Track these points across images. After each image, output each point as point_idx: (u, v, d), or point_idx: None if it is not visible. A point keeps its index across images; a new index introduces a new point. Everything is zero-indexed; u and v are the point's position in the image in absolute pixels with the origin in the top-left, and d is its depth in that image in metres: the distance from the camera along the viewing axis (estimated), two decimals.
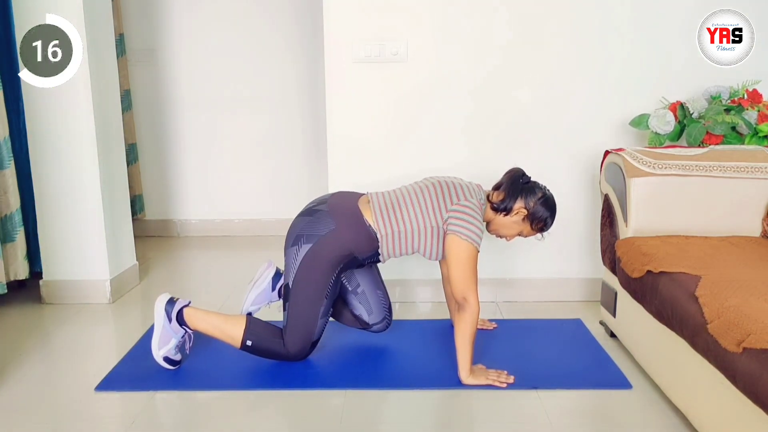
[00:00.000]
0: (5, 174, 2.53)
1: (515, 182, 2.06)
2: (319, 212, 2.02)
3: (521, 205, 2.03)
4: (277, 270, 2.23)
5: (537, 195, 2.04)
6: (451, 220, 1.97)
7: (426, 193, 2.03)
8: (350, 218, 2.01)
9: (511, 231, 2.09)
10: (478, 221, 1.97)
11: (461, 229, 1.95)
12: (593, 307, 2.57)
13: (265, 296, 2.20)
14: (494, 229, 2.12)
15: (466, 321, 1.92)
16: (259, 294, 2.19)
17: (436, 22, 2.54)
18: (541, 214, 2.04)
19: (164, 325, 1.98)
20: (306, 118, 3.83)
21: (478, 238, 1.96)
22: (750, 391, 1.32)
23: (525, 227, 2.07)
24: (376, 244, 2.01)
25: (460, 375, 1.94)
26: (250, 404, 1.88)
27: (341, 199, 2.08)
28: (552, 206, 2.07)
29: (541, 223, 2.06)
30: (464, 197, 1.99)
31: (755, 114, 2.32)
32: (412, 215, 2.00)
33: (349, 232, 1.99)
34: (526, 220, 2.05)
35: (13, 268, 2.61)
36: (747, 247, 1.92)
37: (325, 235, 1.98)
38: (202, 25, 3.75)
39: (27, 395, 1.93)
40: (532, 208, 2.03)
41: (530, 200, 2.03)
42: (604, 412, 1.85)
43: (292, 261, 1.99)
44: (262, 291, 2.19)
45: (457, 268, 1.95)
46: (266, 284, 2.20)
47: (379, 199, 2.05)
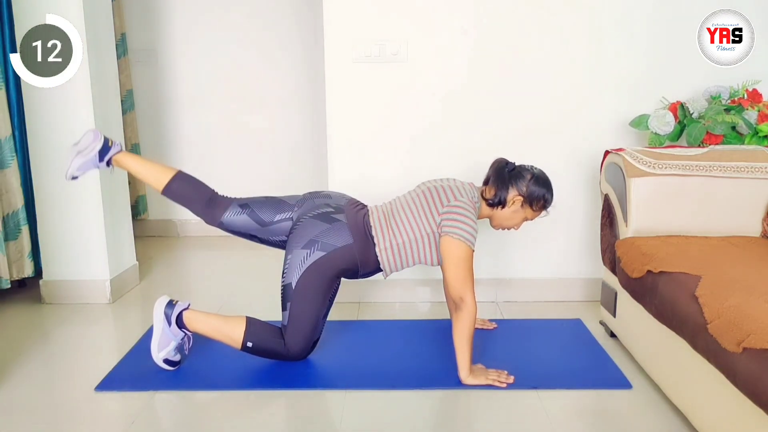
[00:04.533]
0: (6, 173, 2.53)
1: (501, 173, 2.06)
2: (338, 222, 2.01)
3: (515, 194, 2.03)
4: (105, 143, 2.09)
5: (526, 178, 2.04)
6: (444, 222, 1.97)
7: (418, 201, 2.03)
8: (364, 235, 2.02)
9: (515, 220, 2.09)
10: (471, 220, 1.97)
11: (454, 229, 1.95)
12: (593, 307, 2.57)
13: (91, 164, 2.09)
14: (497, 224, 2.11)
15: (463, 321, 1.92)
16: (84, 162, 2.08)
17: (436, 23, 2.54)
18: (538, 194, 2.04)
19: (164, 329, 1.98)
20: (306, 118, 3.84)
21: (472, 237, 1.95)
22: (750, 391, 1.32)
23: (527, 212, 2.07)
24: (377, 258, 2.03)
25: (460, 375, 1.94)
26: (250, 404, 1.88)
27: (355, 211, 2.07)
28: (545, 182, 2.06)
29: (541, 202, 2.05)
30: (455, 197, 1.99)
31: (755, 114, 2.32)
32: (407, 226, 2.01)
33: (362, 249, 2.00)
34: (525, 205, 2.05)
35: (17, 266, 2.61)
36: (747, 247, 1.92)
37: (341, 248, 1.98)
38: (203, 25, 3.76)
39: (27, 395, 1.93)
40: (526, 192, 2.03)
41: (522, 185, 2.03)
42: (604, 412, 1.85)
43: (298, 262, 1.98)
44: (88, 160, 2.08)
45: (451, 268, 1.95)
46: (92, 155, 2.07)
47: (378, 213, 2.06)
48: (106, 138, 2.08)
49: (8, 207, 2.56)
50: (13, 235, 2.58)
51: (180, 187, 2.08)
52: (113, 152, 2.08)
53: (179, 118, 3.85)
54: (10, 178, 2.55)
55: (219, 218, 2.06)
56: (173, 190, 2.07)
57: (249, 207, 2.07)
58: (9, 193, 2.55)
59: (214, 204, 2.07)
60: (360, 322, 2.49)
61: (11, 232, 2.58)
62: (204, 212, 2.08)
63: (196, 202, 2.08)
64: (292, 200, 2.11)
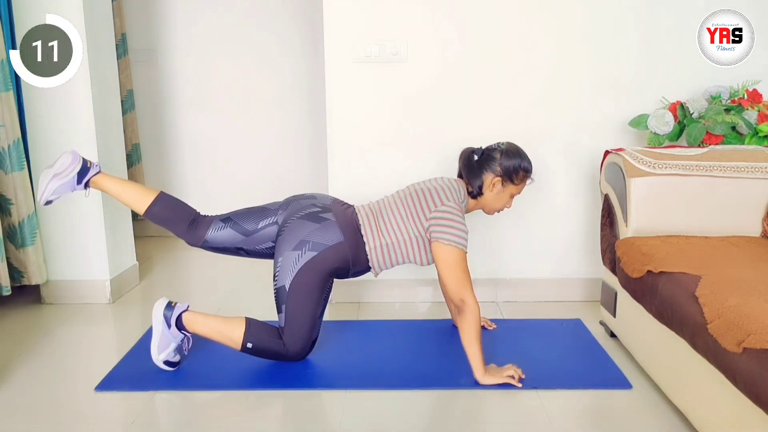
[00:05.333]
0: (15, 177, 2.48)
1: (469, 163, 2.08)
2: (327, 221, 2.01)
3: (491, 177, 2.05)
4: (84, 165, 2.03)
5: (496, 158, 2.05)
6: (432, 228, 1.98)
7: (407, 202, 2.04)
8: (353, 232, 2.02)
9: (502, 201, 2.11)
10: (460, 223, 1.98)
11: (443, 235, 1.95)
12: (593, 307, 2.57)
13: (68, 187, 2.03)
14: (489, 210, 2.14)
15: (468, 321, 1.92)
16: (61, 185, 2.02)
17: (436, 22, 2.54)
18: (514, 166, 2.05)
19: (163, 331, 1.98)
20: (306, 118, 3.83)
21: (463, 240, 1.96)
22: (750, 391, 1.32)
23: (510, 188, 2.09)
24: (367, 256, 2.03)
25: (476, 376, 1.93)
26: (250, 404, 1.88)
27: (342, 209, 2.08)
28: (516, 152, 2.07)
29: (520, 173, 2.07)
30: (441, 202, 2.00)
31: (755, 114, 2.32)
32: (395, 225, 2.02)
33: (352, 246, 2.01)
34: (507, 182, 2.07)
35: (31, 272, 2.56)
36: (747, 247, 1.92)
37: (333, 246, 1.98)
38: (203, 25, 3.75)
39: (27, 395, 1.93)
40: (501, 171, 2.04)
41: (494, 166, 2.05)
42: (604, 412, 1.85)
43: (290, 264, 1.98)
44: (65, 183, 2.02)
45: (447, 273, 1.96)
46: (70, 178, 2.02)
47: (366, 211, 2.07)
48: (85, 159, 2.04)
49: (17, 215, 2.51)
50: (28, 241, 2.54)
51: (162, 210, 2.05)
52: (92, 173, 2.03)
53: (179, 118, 3.85)
54: (18, 183, 2.49)
55: (203, 237, 2.05)
56: (155, 213, 2.04)
57: (231, 220, 2.06)
58: (18, 200, 2.50)
59: (196, 224, 2.06)
60: (359, 322, 2.49)
61: (25, 239, 2.54)
62: (187, 234, 2.06)
63: (178, 224, 2.05)
64: (274, 206, 2.10)
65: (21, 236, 2.54)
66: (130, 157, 3.63)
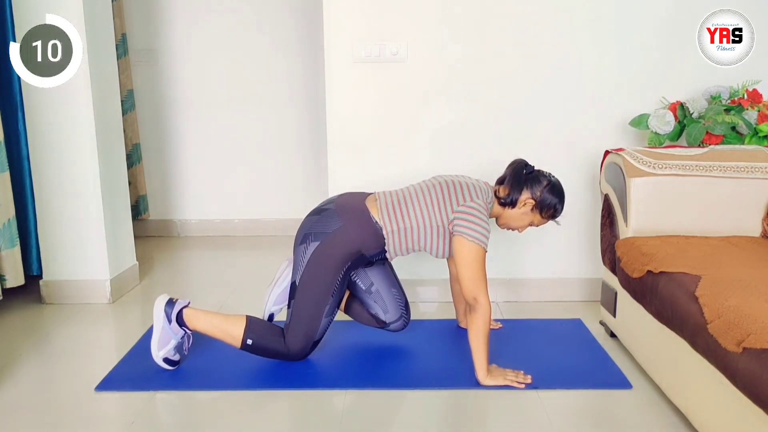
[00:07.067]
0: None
1: (518, 174, 2.06)
2: (327, 211, 2.03)
3: (527, 196, 2.04)
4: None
5: (542, 183, 2.04)
6: (457, 221, 1.97)
7: (433, 192, 2.03)
8: (357, 215, 2.01)
9: (521, 222, 2.09)
10: (485, 221, 1.97)
11: (468, 231, 1.95)
12: (593, 307, 2.57)
13: (288, 294, 2.13)
14: (504, 223, 2.12)
15: (478, 321, 1.92)
16: (280, 293, 2.19)
17: (436, 23, 2.54)
18: (550, 202, 2.04)
19: (164, 327, 1.98)
20: (306, 118, 3.84)
21: (485, 239, 1.96)
22: (750, 391, 1.32)
23: (535, 217, 2.07)
24: (383, 240, 2.02)
25: (478, 376, 1.93)
26: (250, 404, 1.88)
27: (349, 198, 2.09)
28: (559, 192, 2.06)
29: (550, 210, 2.06)
30: (470, 198, 1.99)
31: (755, 114, 2.32)
32: (418, 213, 2.01)
33: (356, 229, 2.00)
34: (535, 210, 2.05)
35: (10, 276, 2.54)
36: (747, 247, 1.92)
37: (333, 232, 1.98)
38: (203, 25, 3.75)
39: (27, 395, 1.93)
40: (539, 197, 2.04)
41: (536, 190, 2.04)
42: (604, 412, 1.85)
43: (300, 259, 2.00)
44: (283, 290, 2.18)
45: (465, 269, 1.95)
46: (287, 283, 2.17)
47: (387, 197, 2.06)
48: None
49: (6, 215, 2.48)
50: (7, 245, 2.50)
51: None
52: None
53: (180, 118, 3.85)
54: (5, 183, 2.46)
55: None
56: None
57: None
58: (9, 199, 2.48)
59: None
60: None
61: (6, 242, 2.49)
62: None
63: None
64: None
65: (2, 239, 2.48)
66: (131, 157, 3.64)
